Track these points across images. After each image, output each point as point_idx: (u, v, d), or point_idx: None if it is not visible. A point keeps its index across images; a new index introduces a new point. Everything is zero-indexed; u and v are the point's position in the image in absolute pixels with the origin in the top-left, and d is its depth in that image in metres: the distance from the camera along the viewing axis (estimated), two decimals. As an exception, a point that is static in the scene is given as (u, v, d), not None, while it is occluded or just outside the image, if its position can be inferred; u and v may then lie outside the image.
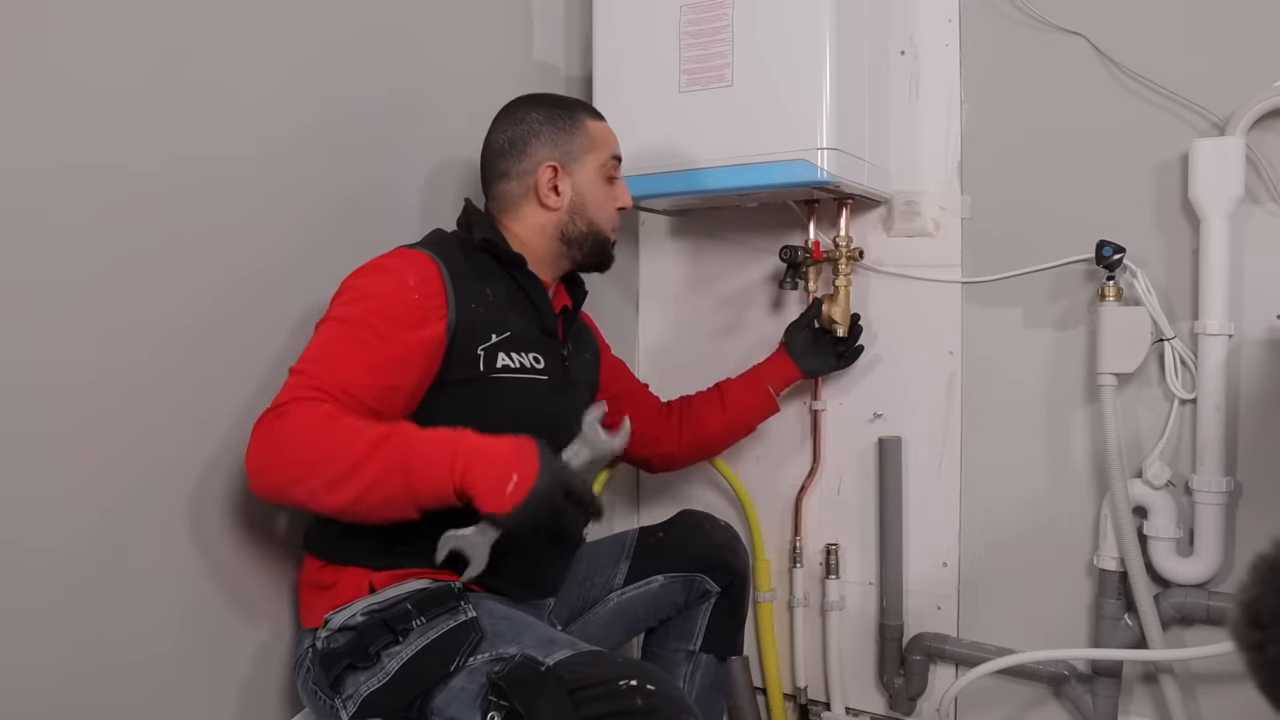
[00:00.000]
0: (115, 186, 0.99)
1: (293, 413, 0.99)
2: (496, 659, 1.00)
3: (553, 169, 1.23)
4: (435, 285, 1.11)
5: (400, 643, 1.03)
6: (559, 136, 1.24)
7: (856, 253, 1.59)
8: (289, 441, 0.98)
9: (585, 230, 1.25)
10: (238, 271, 1.13)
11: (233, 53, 1.12)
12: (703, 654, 1.39)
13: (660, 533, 1.43)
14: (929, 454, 1.61)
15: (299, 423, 0.98)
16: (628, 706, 0.93)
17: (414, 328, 1.08)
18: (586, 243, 1.26)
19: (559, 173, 1.24)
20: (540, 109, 1.26)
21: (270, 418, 1.00)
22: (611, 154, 1.28)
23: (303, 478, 0.97)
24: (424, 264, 1.12)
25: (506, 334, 1.16)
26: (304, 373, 1.03)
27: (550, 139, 1.24)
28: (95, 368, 0.98)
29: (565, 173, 1.24)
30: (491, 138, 1.27)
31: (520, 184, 1.24)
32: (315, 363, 1.04)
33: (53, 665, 0.95)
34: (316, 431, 0.98)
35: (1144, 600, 1.37)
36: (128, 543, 1.01)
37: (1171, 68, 1.40)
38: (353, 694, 1.04)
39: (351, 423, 1.00)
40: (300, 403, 1.00)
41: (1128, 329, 1.39)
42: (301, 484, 0.98)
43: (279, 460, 0.98)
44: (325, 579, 1.12)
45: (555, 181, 1.24)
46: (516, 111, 1.27)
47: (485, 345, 1.14)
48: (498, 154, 1.26)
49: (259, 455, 0.99)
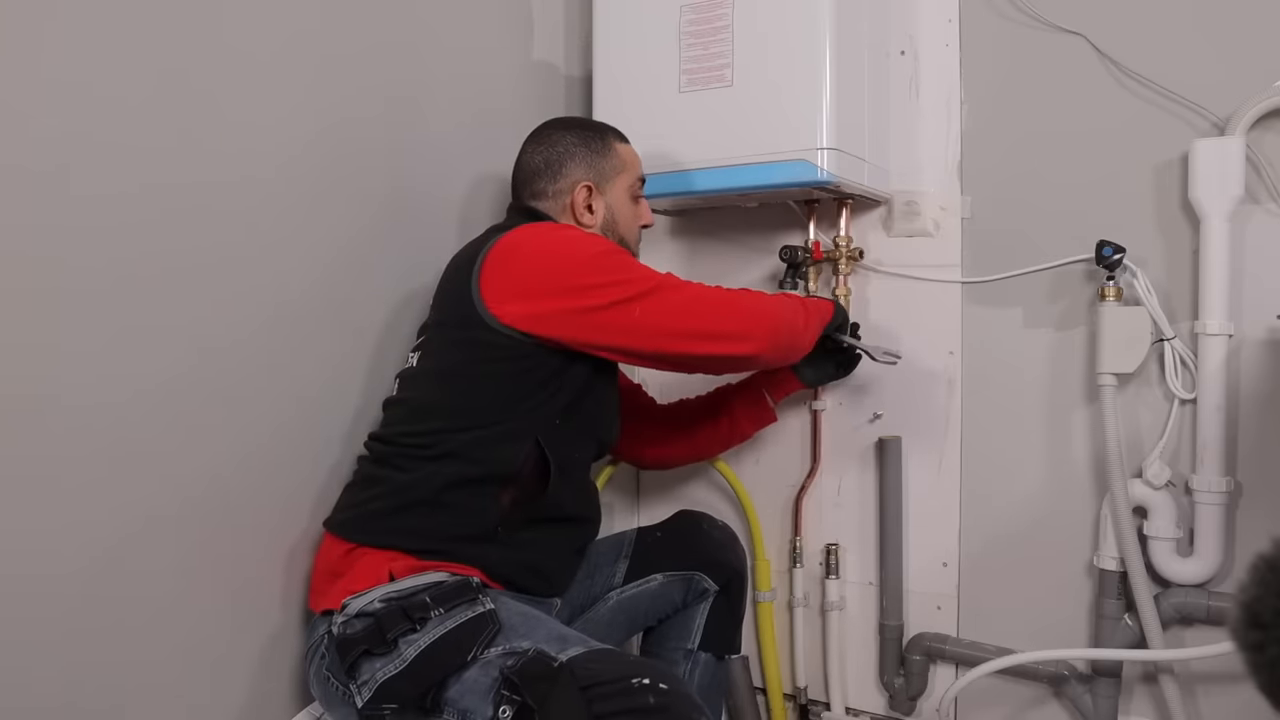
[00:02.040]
0: (152, 199, 1.01)
1: (728, 296, 1.22)
2: (510, 653, 1.01)
3: (588, 188, 1.31)
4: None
5: (418, 631, 1.03)
6: (593, 158, 1.32)
7: (856, 253, 1.59)
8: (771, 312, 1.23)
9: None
10: (236, 272, 1.13)
11: (239, 64, 1.12)
12: (701, 652, 1.40)
13: (659, 532, 1.43)
14: (929, 454, 1.61)
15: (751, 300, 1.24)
16: (639, 704, 0.93)
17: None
18: None
19: (593, 192, 1.31)
20: (573, 132, 1.34)
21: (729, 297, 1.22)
22: (639, 176, 1.37)
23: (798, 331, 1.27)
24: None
25: None
26: (681, 292, 1.19)
27: (585, 160, 1.32)
28: (98, 372, 0.98)
29: (599, 192, 1.31)
30: (526, 158, 1.33)
31: (557, 203, 1.31)
32: (675, 290, 1.19)
33: (60, 657, 0.95)
34: (766, 300, 1.25)
35: (1144, 600, 1.37)
36: (136, 535, 1.01)
37: (1171, 68, 1.40)
38: (369, 679, 1.04)
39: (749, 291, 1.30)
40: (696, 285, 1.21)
41: (1128, 329, 1.39)
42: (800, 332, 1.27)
43: (776, 324, 1.22)
44: (344, 564, 1.13)
45: (590, 200, 1.31)
46: (550, 134, 1.34)
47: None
48: (533, 174, 1.32)
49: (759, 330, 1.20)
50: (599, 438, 1.30)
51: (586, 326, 1.15)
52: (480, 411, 1.16)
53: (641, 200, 1.38)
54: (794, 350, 1.29)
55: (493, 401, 1.16)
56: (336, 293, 1.25)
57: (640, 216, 1.38)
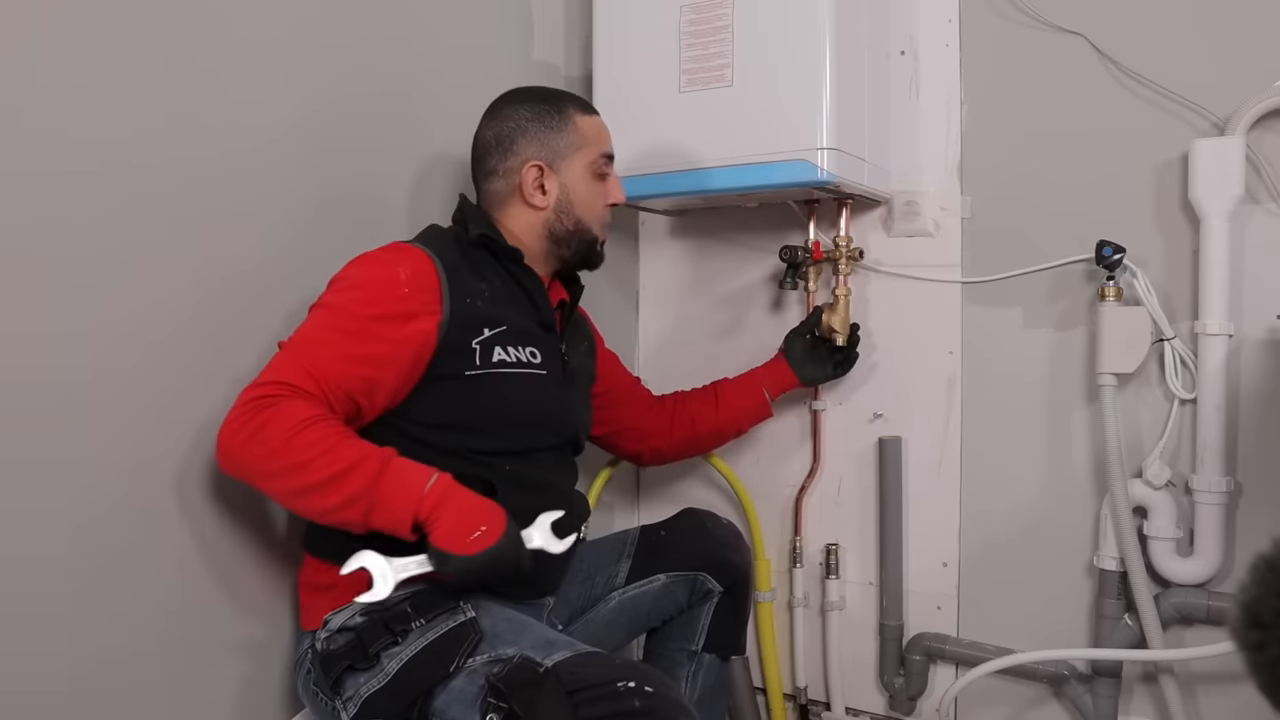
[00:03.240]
0: (110, 186, 0.99)
1: (280, 406, 0.98)
2: (495, 660, 1.00)
3: (538, 168, 1.22)
4: (429, 280, 1.11)
5: (400, 643, 1.03)
6: (545, 134, 1.23)
7: (856, 253, 1.59)
8: (269, 436, 0.96)
9: (572, 229, 1.25)
10: (237, 270, 1.13)
11: (234, 51, 1.12)
12: (705, 653, 1.39)
13: (662, 531, 1.42)
14: (929, 454, 1.61)
15: (283, 421, 0.97)
16: (626, 708, 0.93)
17: (401, 321, 1.08)
18: (573, 241, 1.26)
19: (545, 172, 1.23)
20: (528, 105, 1.24)
21: (256, 402, 0.98)
22: (602, 151, 1.26)
23: (272, 477, 0.98)
24: (418, 258, 1.12)
25: (502, 328, 1.15)
26: (291, 352, 1.03)
27: (536, 137, 1.23)
28: (93, 367, 0.98)
29: (552, 171, 1.23)
30: (479, 134, 1.26)
31: (506, 183, 1.23)
32: (302, 345, 1.04)
33: (52, 667, 0.95)
34: (298, 433, 0.96)
35: (1144, 600, 1.37)
36: (126, 543, 1.02)
37: (1171, 68, 1.40)
38: (353, 695, 1.04)
39: (330, 434, 0.98)
40: (289, 396, 0.99)
41: (1128, 329, 1.39)
42: (270, 481, 0.99)
43: (254, 451, 0.97)
44: (324, 580, 1.12)
45: (541, 181, 1.23)
46: (504, 108, 1.25)
47: (480, 339, 1.13)
48: (485, 151, 1.25)
49: (235, 438, 0.98)
50: (531, 433, 1.19)
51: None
52: (377, 439, 1.05)
53: (609, 177, 1.28)
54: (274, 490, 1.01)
55: (384, 429, 1.09)
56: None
57: (607, 194, 1.27)
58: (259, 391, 0.99)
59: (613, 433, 1.49)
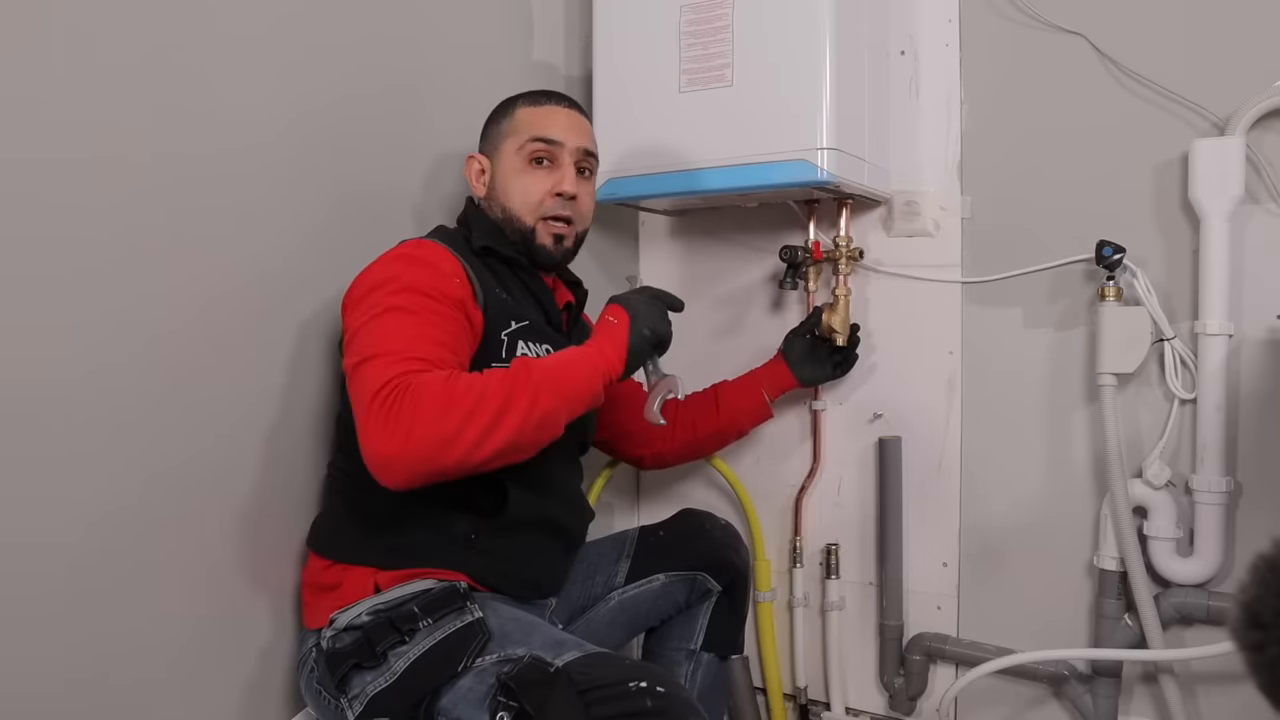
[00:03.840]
0: (117, 180, 0.99)
1: (412, 385, 0.95)
2: (505, 660, 1.00)
3: (475, 160, 1.27)
4: (462, 274, 1.13)
5: (407, 643, 1.03)
6: (489, 128, 1.28)
7: (856, 253, 1.59)
8: (425, 408, 0.94)
9: (500, 215, 1.24)
10: (241, 270, 1.13)
11: (233, 46, 1.12)
12: (704, 653, 1.40)
13: (661, 532, 1.43)
14: (929, 454, 1.61)
15: (427, 390, 0.95)
16: (637, 708, 0.93)
17: (460, 306, 1.10)
18: (506, 229, 1.23)
19: (481, 162, 1.27)
20: (498, 105, 1.29)
21: (384, 400, 0.95)
22: (532, 135, 1.22)
23: (457, 435, 0.94)
24: (445, 254, 1.14)
25: (525, 322, 1.18)
26: (384, 353, 0.99)
27: (485, 132, 1.29)
28: (100, 367, 0.98)
29: (488, 160, 1.26)
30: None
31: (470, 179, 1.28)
32: (391, 346, 1.01)
33: (55, 667, 0.95)
34: (450, 389, 0.96)
35: (1144, 600, 1.37)
36: (130, 543, 1.01)
37: (1171, 68, 1.40)
38: (359, 693, 1.04)
39: (471, 375, 1.00)
40: (410, 375, 0.96)
41: (1128, 329, 1.39)
42: (456, 442, 0.94)
43: (420, 431, 0.94)
44: (330, 579, 1.12)
45: (482, 170, 1.27)
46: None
47: (508, 331, 1.16)
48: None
49: (390, 440, 0.94)
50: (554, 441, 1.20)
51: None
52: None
53: (555, 167, 1.23)
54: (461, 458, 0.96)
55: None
56: (324, 291, 1.24)
57: (539, 180, 1.22)
58: (383, 396, 0.95)
59: (614, 437, 1.49)
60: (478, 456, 0.97)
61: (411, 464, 0.95)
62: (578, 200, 1.24)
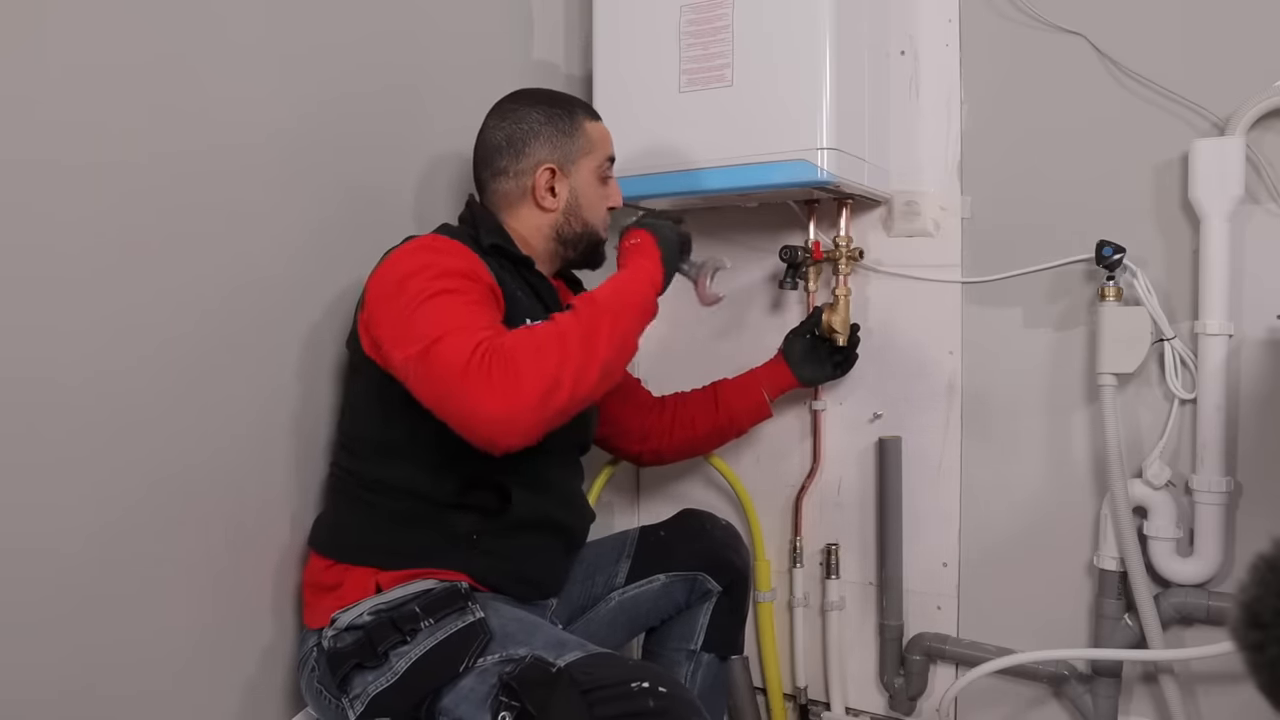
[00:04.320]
0: (117, 182, 0.99)
1: (497, 346, 0.96)
2: (507, 659, 1.00)
3: (551, 171, 1.24)
4: (484, 265, 1.13)
5: (408, 643, 1.03)
6: (558, 138, 1.25)
7: (856, 253, 1.59)
8: (523, 363, 0.95)
9: (580, 231, 1.27)
10: (242, 271, 1.13)
11: (234, 48, 1.12)
12: (704, 653, 1.40)
13: (661, 532, 1.43)
14: (929, 454, 1.61)
15: (515, 347, 0.97)
16: (640, 708, 0.93)
17: (494, 293, 1.11)
18: (581, 243, 1.28)
19: (556, 174, 1.24)
20: (540, 108, 1.26)
21: (479, 367, 0.95)
22: (608, 155, 1.30)
23: (559, 375, 0.96)
24: (464, 248, 1.14)
25: (538, 321, 1.17)
26: (457, 329, 0.99)
27: (550, 140, 1.24)
28: (102, 371, 0.98)
29: (563, 174, 1.25)
30: (488, 133, 1.27)
31: (517, 184, 1.24)
32: (456, 320, 1.01)
33: (53, 665, 0.95)
34: (535, 339, 0.99)
35: (1144, 600, 1.37)
36: (130, 543, 1.01)
37: (1171, 68, 1.40)
38: (360, 693, 1.04)
39: (544, 322, 1.04)
40: (490, 339, 0.97)
41: (1128, 329, 1.39)
42: (562, 382, 0.97)
43: (527, 384, 0.95)
44: (331, 579, 1.12)
45: (553, 183, 1.24)
46: (516, 109, 1.26)
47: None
48: (495, 151, 1.25)
49: (501, 401, 0.94)
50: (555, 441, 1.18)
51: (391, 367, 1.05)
52: (392, 444, 1.12)
53: (610, 181, 1.31)
54: (592, 376, 1.01)
55: (400, 432, 1.11)
56: (324, 292, 1.24)
57: (608, 198, 1.30)
58: (472, 364, 0.95)
59: (613, 433, 1.50)
60: (584, 389, 0.99)
61: (528, 415, 0.95)
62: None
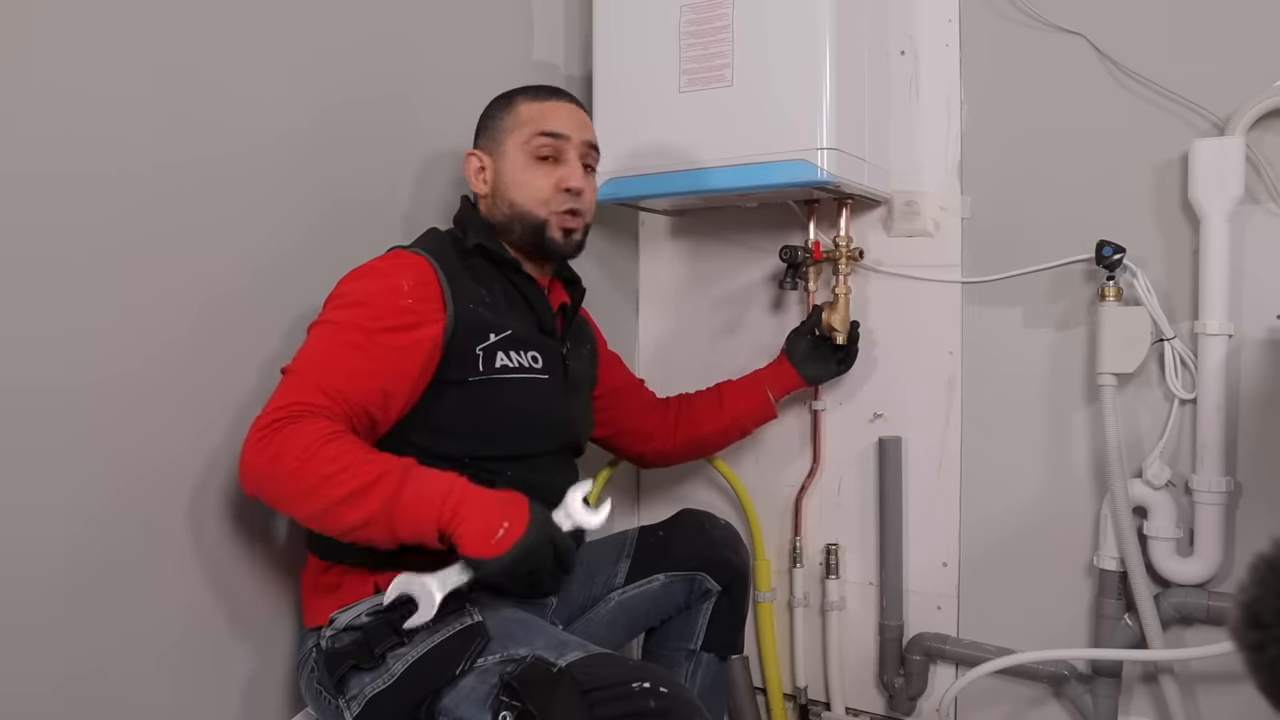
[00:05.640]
0: (110, 190, 0.99)
1: (299, 424, 0.98)
2: (508, 659, 1.00)
3: (475, 157, 1.25)
4: (431, 288, 1.11)
5: (406, 644, 1.03)
6: (488, 123, 1.26)
7: (856, 253, 1.59)
8: (286, 456, 0.97)
9: (509, 213, 1.22)
10: (233, 275, 1.13)
11: (233, 56, 1.12)
12: (704, 653, 1.39)
13: (661, 532, 1.43)
14: (929, 454, 1.61)
15: (302, 439, 0.97)
16: (641, 708, 0.93)
17: (407, 331, 1.08)
18: (515, 226, 1.22)
19: (482, 159, 1.24)
20: (494, 100, 1.27)
21: (270, 424, 0.99)
22: (539, 130, 1.21)
23: (295, 499, 0.98)
24: (419, 266, 1.13)
25: (506, 333, 1.16)
26: (300, 374, 1.04)
27: (483, 127, 1.26)
28: (95, 371, 0.98)
29: (490, 157, 1.24)
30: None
31: (469, 177, 1.27)
32: (310, 365, 1.04)
33: (53, 665, 0.95)
34: (317, 451, 0.97)
35: (1144, 600, 1.37)
36: (129, 543, 1.02)
37: (1171, 68, 1.40)
38: (357, 694, 1.04)
39: (350, 449, 0.98)
40: (303, 415, 0.99)
41: (1128, 329, 1.39)
42: (293, 504, 0.99)
43: (273, 474, 0.98)
44: (329, 580, 1.12)
45: (482, 167, 1.24)
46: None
47: (484, 345, 1.14)
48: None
49: (255, 462, 0.99)
50: (533, 437, 1.20)
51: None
52: (383, 448, 1.06)
53: (562, 162, 1.21)
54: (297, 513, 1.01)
55: (391, 437, 1.10)
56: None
57: (549, 176, 1.20)
58: (276, 415, 0.99)
59: (616, 434, 1.49)
60: (284, 511, 1.03)
61: (258, 490, 1.01)
62: (583, 194, 1.24)
